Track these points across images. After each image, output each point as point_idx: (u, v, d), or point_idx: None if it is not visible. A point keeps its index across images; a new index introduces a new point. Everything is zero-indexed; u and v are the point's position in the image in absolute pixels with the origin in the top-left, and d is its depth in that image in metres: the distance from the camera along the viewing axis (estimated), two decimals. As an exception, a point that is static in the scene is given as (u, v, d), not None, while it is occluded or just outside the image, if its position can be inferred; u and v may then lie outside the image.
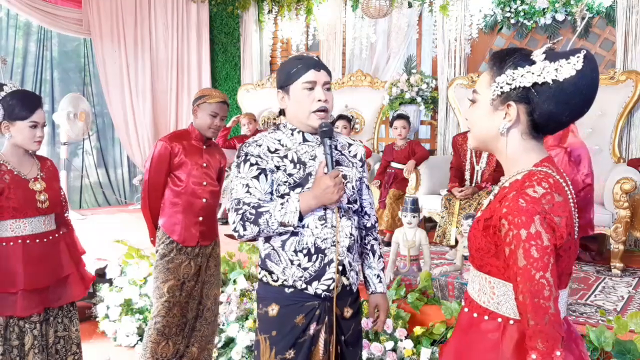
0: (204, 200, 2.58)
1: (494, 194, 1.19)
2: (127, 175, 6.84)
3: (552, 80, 1.08)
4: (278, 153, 1.66)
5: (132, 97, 6.37)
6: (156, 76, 6.55)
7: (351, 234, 1.68)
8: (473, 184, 4.27)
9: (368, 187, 1.84)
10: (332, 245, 1.63)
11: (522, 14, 5.16)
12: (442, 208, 4.21)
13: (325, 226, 1.63)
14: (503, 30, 5.43)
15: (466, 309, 1.22)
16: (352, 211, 1.72)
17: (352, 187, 1.71)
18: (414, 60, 5.94)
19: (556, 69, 1.07)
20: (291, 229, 1.60)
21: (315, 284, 1.63)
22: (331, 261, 1.63)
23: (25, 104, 2.11)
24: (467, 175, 4.33)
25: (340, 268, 1.65)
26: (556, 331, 1.02)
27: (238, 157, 1.68)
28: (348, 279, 1.68)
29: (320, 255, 1.63)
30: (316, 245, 1.62)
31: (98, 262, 3.88)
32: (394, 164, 4.81)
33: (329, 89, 1.68)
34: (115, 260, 3.92)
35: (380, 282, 1.83)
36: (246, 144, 1.68)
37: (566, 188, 1.11)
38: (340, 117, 5.14)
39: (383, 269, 1.86)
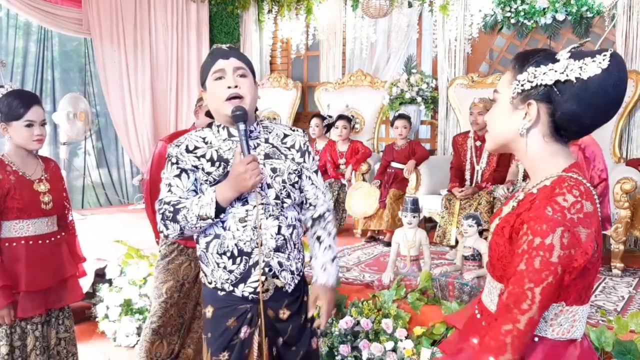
0: None
1: (518, 199, 1.13)
2: (129, 175, 6.83)
3: (576, 78, 1.03)
4: (196, 152, 1.62)
5: (132, 97, 6.36)
6: (156, 76, 6.54)
7: (279, 234, 1.61)
8: (473, 184, 4.26)
9: (314, 177, 1.73)
10: (255, 247, 1.58)
11: (522, 13, 5.15)
12: (442, 208, 4.21)
13: (247, 228, 1.57)
14: (503, 30, 5.42)
15: (484, 323, 1.16)
16: (282, 208, 1.63)
17: (283, 181, 1.63)
18: (414, 60, 5.93)
19: (580, 67, 1.04)
20: (210, 221, 1.55)
21: (241, 286, 1.59)
22: (256, 263, 1.58)
23: (18, 103, 2.10)
24: (467, 175, 4.32)
25: (268, 270, 1.60)
26: (508, 347, 1.00)
27: (166, 158, 1.66)
28: (282, 280, 1.63)
29: (244, 257, 1.58)
30: (238, 247, 1.58)
31: (98, 262, 3.88)
32: (394, 164, 4.80)
33: (243, 75, 1.61)
34: (115, 260, 3.91)
35: (324, 271, 1.71)
36: (170, 145, 1.66)
37: (595, 197, 1.06)
38: (341, 117, 5.14)
39: (334, 259, 1.74)
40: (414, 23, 5.87)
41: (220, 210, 1.54)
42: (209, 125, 1.70)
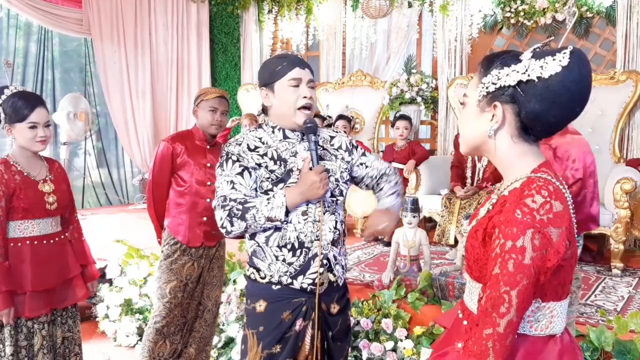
0: (208, 200, 2.57)
1: (492, 202, 1.14)
2: (129, 175, 6.84)
3: (537, 77, 1.04)
4: (258, 151, 1.69)
5: (132, 97, 6.37)
6: (156, 76, 6.55)
7: (335, 228, 1.71)
8: (474, 182, 4.27)
9: (365, 158, 1.83)
10: (315, 240, 1.66)
11: (522, 14, 5.16)
12: (442, 207, 4.22)
13: (308, 221, 1.66)
14: (503, 30, 5.43)
15: (465, 322, 1.17)
16: (336, 204, 1.73)
17: (336, 179, 1.73)
18: (414, 60, 5.94)
19: (541, 66, 1.04)
20: (278, 223, 1.63)
21: (300, 278, 1.66)
22: (315, 255, 1.66)
23: (22, 105, 2.10)
24: (469, 173, 4.33)
25: (325, 262, 1.68)
26: (490, 351, 1.00)
27: (221, 156, 1.71)
28: (334, 274, 1.72)
29: (304, 249, 1.66)
30: (299, 240, 1.65)
31: (98, 262, 3.88)
32: (394, 164, 4.80)
33: (312, 87, 1.72)
34: (115, 260, 3.92)
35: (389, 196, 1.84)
36: (227, 143, 1.71)
37: (566, 194, 1.06)
38: (341, 117, 5.15)
39: (397, 196, 1.86)
40: (414, 23, 5.88)
41: (287, 213, 1.62)
42: (260, 126, 1.76)
